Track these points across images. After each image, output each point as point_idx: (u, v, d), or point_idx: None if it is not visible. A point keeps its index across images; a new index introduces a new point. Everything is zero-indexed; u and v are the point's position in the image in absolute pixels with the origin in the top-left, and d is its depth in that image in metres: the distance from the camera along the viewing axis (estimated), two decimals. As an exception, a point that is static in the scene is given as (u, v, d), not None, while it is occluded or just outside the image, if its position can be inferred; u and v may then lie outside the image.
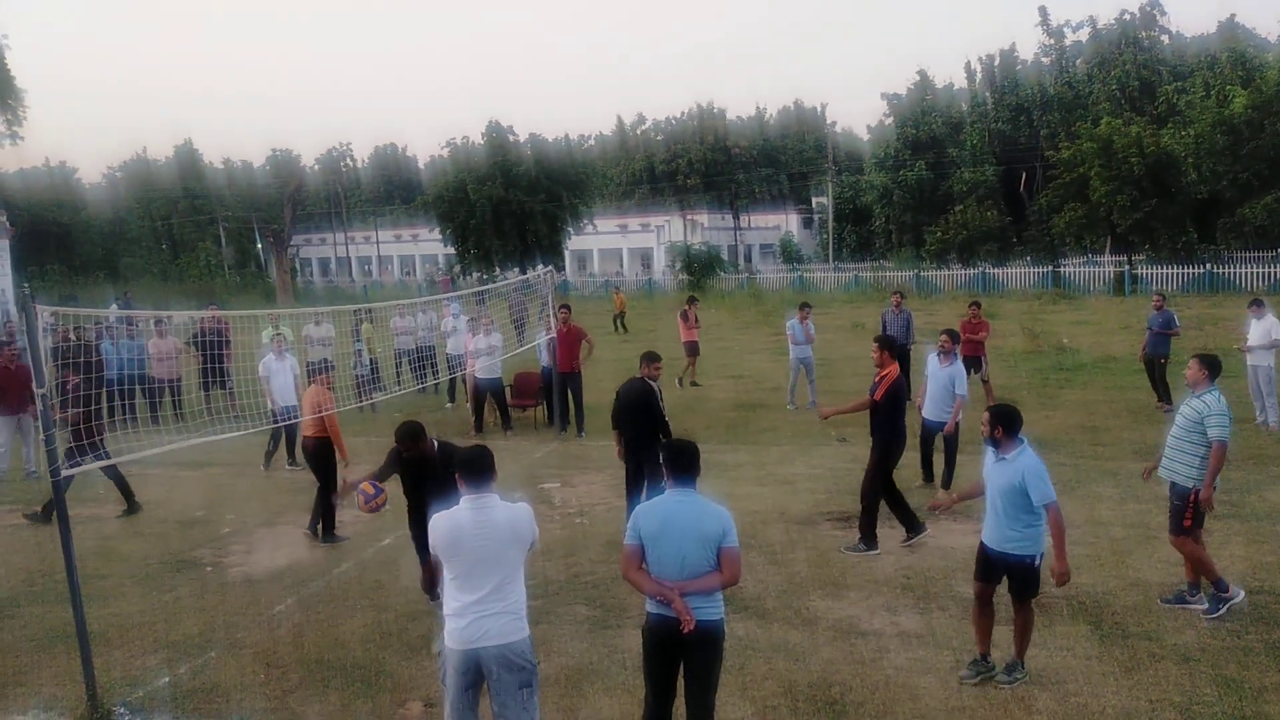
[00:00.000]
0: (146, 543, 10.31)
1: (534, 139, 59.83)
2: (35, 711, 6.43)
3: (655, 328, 33.32)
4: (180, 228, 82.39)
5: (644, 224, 79.41)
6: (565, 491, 11.83)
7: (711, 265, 51.40)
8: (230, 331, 17.11)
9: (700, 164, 77.60)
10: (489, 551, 4.84)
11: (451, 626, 4.88)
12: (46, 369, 6.26)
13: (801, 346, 16.84)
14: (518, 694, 4.83)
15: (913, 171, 57.78)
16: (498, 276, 53.16)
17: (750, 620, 7.33)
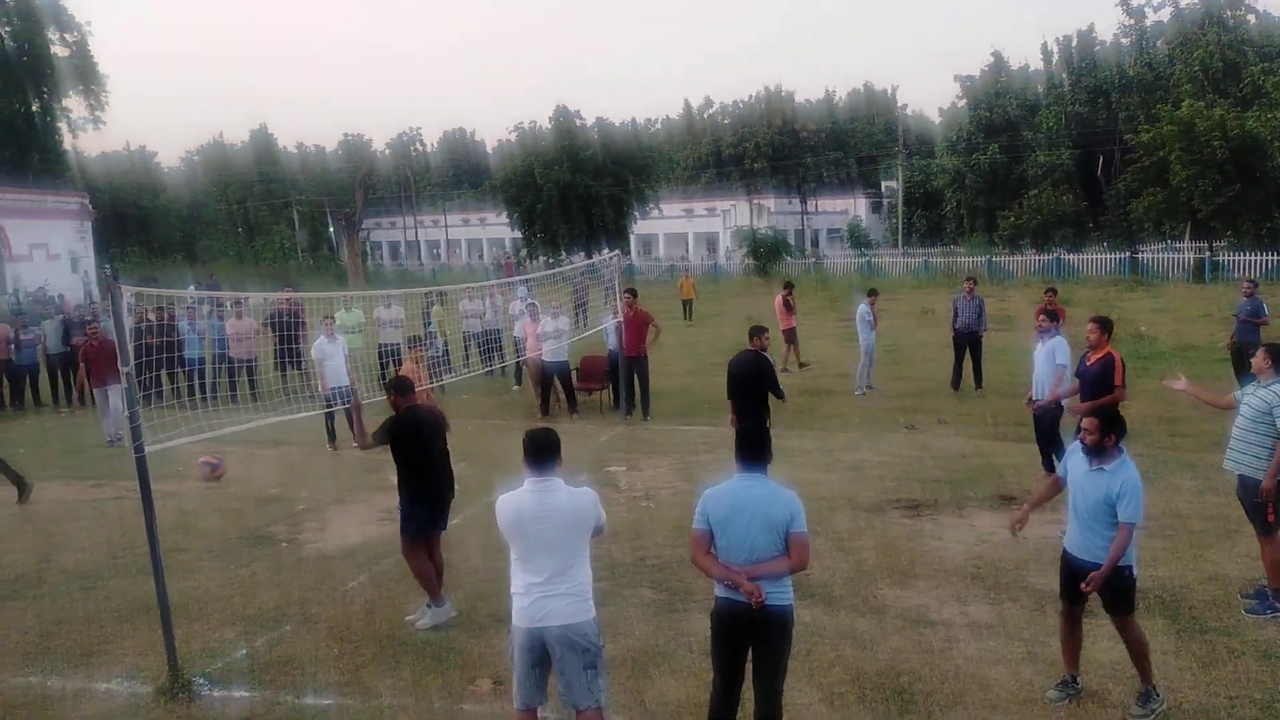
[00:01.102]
0: (224, 518, 10.60)
1: (601, 123, 59.92)
2: (119, 680, 6.65)
3: (720, 312, 33.22)
4: (255, 211, 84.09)
5: (710, 208, 79.13)
6: (631, 475, 11.87)
7: (778, 250, 50.96)
8: (305, 313, 17.44)
9: (767, 148, 76.95)
10: (550, 534, 4.88)
11: (517, 605, 4.96)
12: (130, 348, 6.43)
13: (872, 333, 16.71)
14: (582, 674, 4.89)
15: (986, 155, 56.64)
16: (563, 260, 53.40)
17: (817, 607, 7.30)
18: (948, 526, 9.36)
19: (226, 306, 18.53)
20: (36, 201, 45.05)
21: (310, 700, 6.24)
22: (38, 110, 53.50)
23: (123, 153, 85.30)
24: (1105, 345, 8.97)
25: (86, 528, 10.48)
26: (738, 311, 33.26)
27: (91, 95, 55.81)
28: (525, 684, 5.00)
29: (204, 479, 9.11)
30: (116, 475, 12.53)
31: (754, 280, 46.72)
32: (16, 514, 11.14)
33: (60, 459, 14.09)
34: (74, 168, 58.26)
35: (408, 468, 7.45)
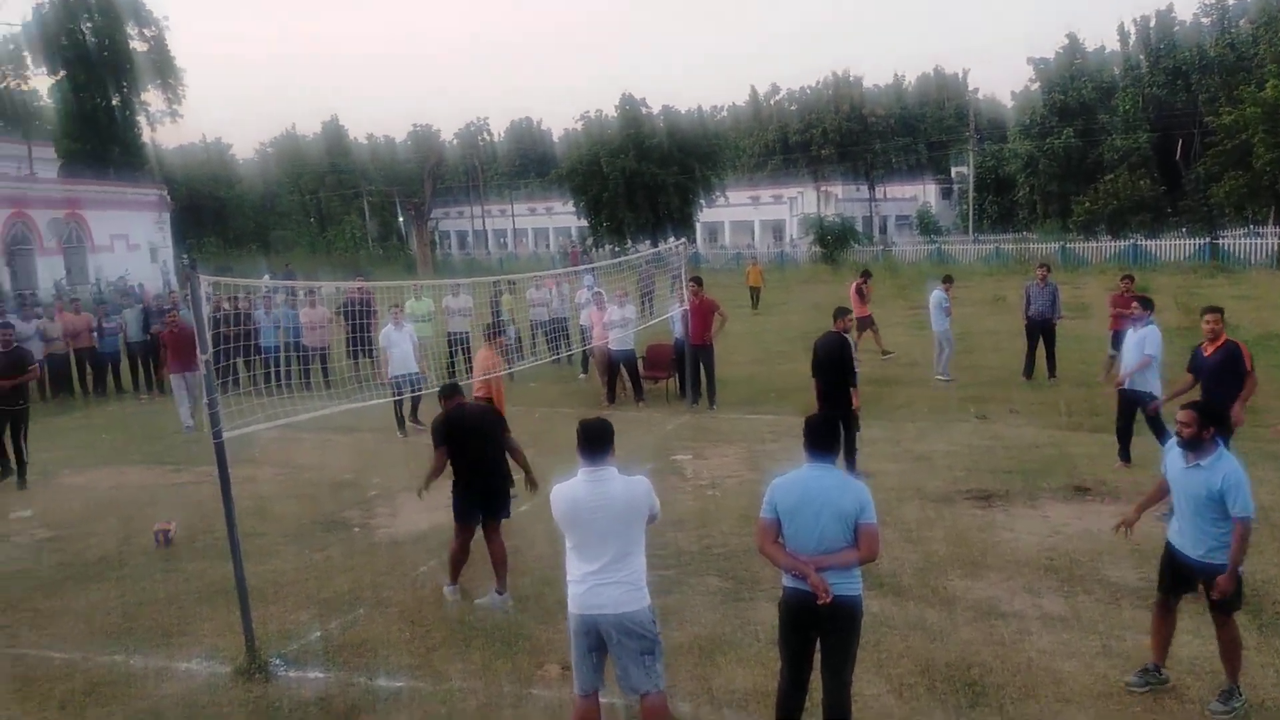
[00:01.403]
0: (299, 503, 10.83)
1: (667, 111, 59.73)
2: (199, 660, 6.84)
3: (787, 300, 33.00)
4: (327, 202, 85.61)
5: (776, 195, 78.56)
6: (697, 463, 11.86)
7: (845, 237, 50.38)
8: (375, 302, 17.70)
9: (835, 134, 76.04)
10: (605, 524, 4.92)
11: (572, 592, 5.02)
12: (208, 336, 6.59)
13: (946, 319, 16.49)
14: (640, 659, 4.93)
15: (1060, 139, 55.42)
16: (629, 249, 53.46)
17: (885, 597, 7.23)
18: (1020, 517, 9.20)
19: (300, 296, 18.89)
20: (117, 193, 46.37)
21: (383, 682, 6.35)
22: (118, 104, 54.99)
23: (199, 145, 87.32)
24: (1223, 334, 8.79)
25: (166, 511, 10.75)
26: (805, 299, 33.02)
27: (169, 89, 57.27)
28: (583, 669, 5.05)
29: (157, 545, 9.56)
30: (194, 461, 12.88)
31: (821, 268, 46.29)
32: (100, 498, 11.49)
33: (140, 444, 14.51)
34: (152, 160, 59.78)
35: (457, 460, 7.66)
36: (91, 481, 12.21)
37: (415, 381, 14.16)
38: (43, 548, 9.62)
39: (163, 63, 56.32)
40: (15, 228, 39.42)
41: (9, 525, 10.41)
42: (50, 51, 53.14)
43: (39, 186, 43.81)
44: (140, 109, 57.05)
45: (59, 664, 6.87)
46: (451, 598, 7.69)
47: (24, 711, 6.15)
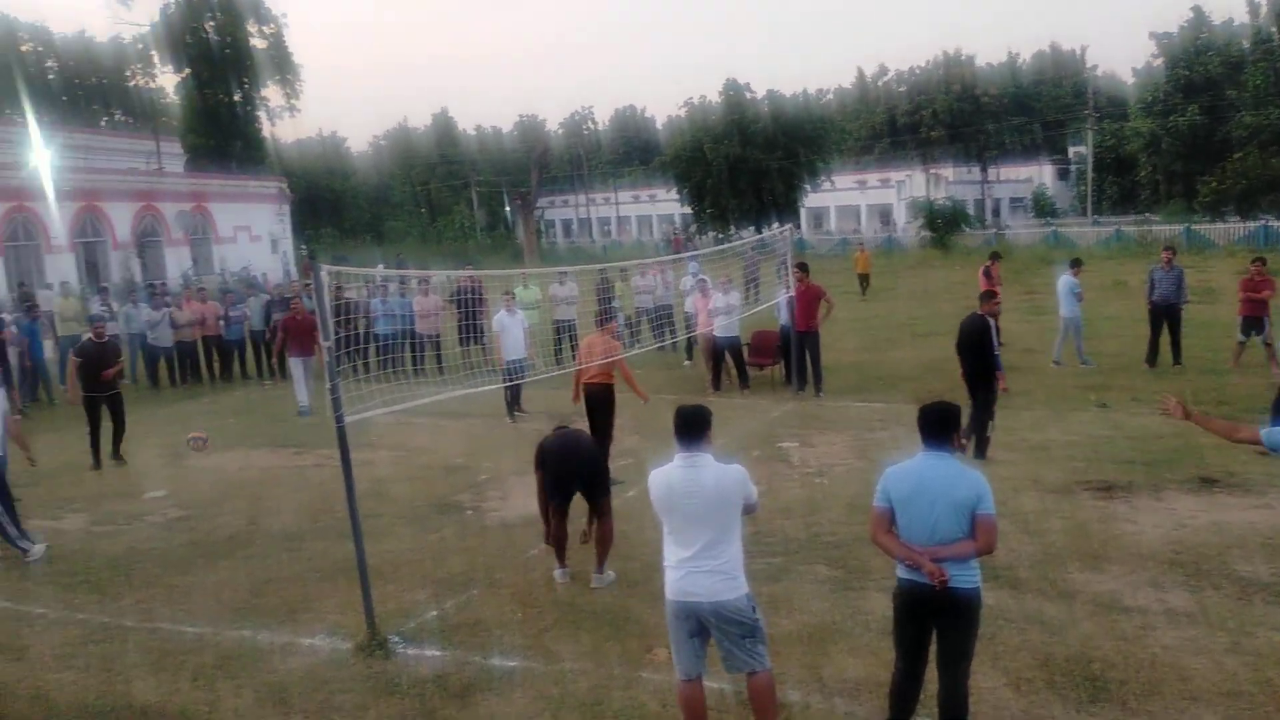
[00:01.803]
0: (414, 486, 11.13)
1: (771, 95, 59.17)
2: (322, 636, 7.09)
3: (895, 286, 32.43)
4: (437, 192, 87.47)
5: (884, 179, 77.23)
6: (804, 451, 11.77)
7: (956, 221, 49.15)
8: (485, 290, 18.02)
9: (945, 114, 74.35)
10: (698, 510, 4.92)
11: (669, 578, 5.05)
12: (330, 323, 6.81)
13: (1076, 306, 16.01)
14: (742, 642, 4.95)
15: (1184, 116, 53.10)
16: (733, 235, 53.22)
17: (1002, 590, 7.07)
18: (1143, 509, 8.89)
19: (413, 284, 19.35)
20: (239, 186, 48.14)
21: (496, 661, 6.49)
22: (239, 100, 57.02)
23: (315, 139, 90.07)
24: None
25: (289, 492, 11.21)
26: (913, 286, 32.45)
27: (287, 85, 59.15)
28: (684, 654, 5.08)
29: (195, 449, 10.85)
30: (316, 444, 13.33)
31: (931, 253, 45.34)
32: (228, 479, 11.99)
33: (264, 428, 15.08)
34: (272, 154, 61.92)
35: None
36: (219, 464, 12.75)
37: (523, 368, 14.43)
38: (175, 527, 10.09)
39: (281, 59, 58.20)
40: (145, 220, 41.27)
41: (144, 505, 10.95)
42: (176, 50, 55.40)
43: (167, 181, 45.78)
44: (260, 104, 59.07)
45: (191, 638, 7.20)
46: (561, 580, 7.81)
47: (159, 683, 6.46)
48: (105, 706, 6.17)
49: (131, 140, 55.29)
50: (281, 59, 58.18)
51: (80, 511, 10.83)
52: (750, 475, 5.17)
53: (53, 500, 11.27)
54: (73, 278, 34.11)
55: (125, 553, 9.21)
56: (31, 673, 6.72)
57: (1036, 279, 28.97)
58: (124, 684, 6.47)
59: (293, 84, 59.17)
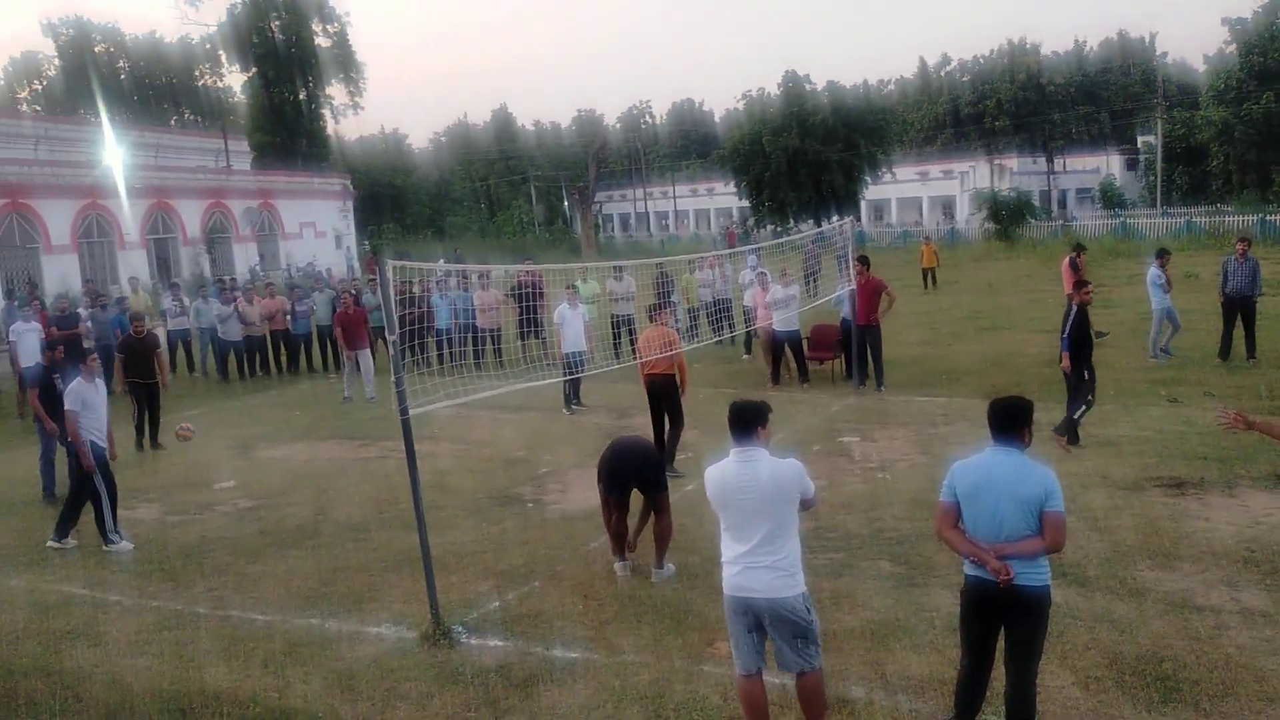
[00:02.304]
0: (475, 479, 11.24)
1: (831, 86, 58.68)
2: (388, 625, 7.21)
3: (958, 279, 31.99)
4: (496, 188, 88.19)
5: (946, 170, 76.10)
6: (865, 446, 11.67)
7: (1021, 212, 48.14)
8: (544, 284, 18.13)
9: (1010, 104, 73.04)
10: (753, 505, 4.89)
11: (726, 573, 5.04)
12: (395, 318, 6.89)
13: (1164, 297, 15.67)
14: (793, 642, 4.92)
15: (1259, 104, 51.44)
16: (791, 228, 52.88)
17: (1070, 587, 6.95)
18: (1216, 507, 8.67)
19: (473, 279, 19.53)
20: (304, 183, 49.02)
21: (558, 652, 6.54)
22: (304, 99, 58.07)
23: (378, 136, 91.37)
24: None
25: (355, 483, 11.39)
26: (977, 278, 31.98)
27: (351, 83, 60.15)
28: (743, 649, 5.05)
29: (181, 438, 11.64)
30: (379, 436, 13.55)
31: (995, 245, 44.59)
32: (295, 470, 12.23)
33: (330, 420, 15.35)
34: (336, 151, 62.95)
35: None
36: (287, 455, 13.00)
37: (582, 361, 14.53)
38: (245, 517, 10.32)
39: (345, 58, 59.16)
40: (214, 217, 42.20)
41: (214, 495, 11.21)
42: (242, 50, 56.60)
43: (235, 178, 46.78)
44: (325, 102, 60.14)
45: (261, 625, 7.36)
46: (622, 573, 7.84)
47: (230, 669, 6.61)
48: (179, 692, 6.32)
49: (200, 139, 56.57)
50: (345, 57, 59.15)
51: (154, 502, 11.12)
52: (809, 470, 5.13)
53: (127, 491, 11.49)
54: (144, 273, 35.03)
55: (197, 542, 9.44)
56: (108, 658, 6.91)
57: (1104, 271, 28.41)
58: (196, 670, 6.63)
59: (356, 82, 60.17)
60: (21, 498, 11.36)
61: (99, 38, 72.68)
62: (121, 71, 73.82)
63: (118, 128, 47.54)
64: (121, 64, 74.33)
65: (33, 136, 43.33)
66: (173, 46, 70.96)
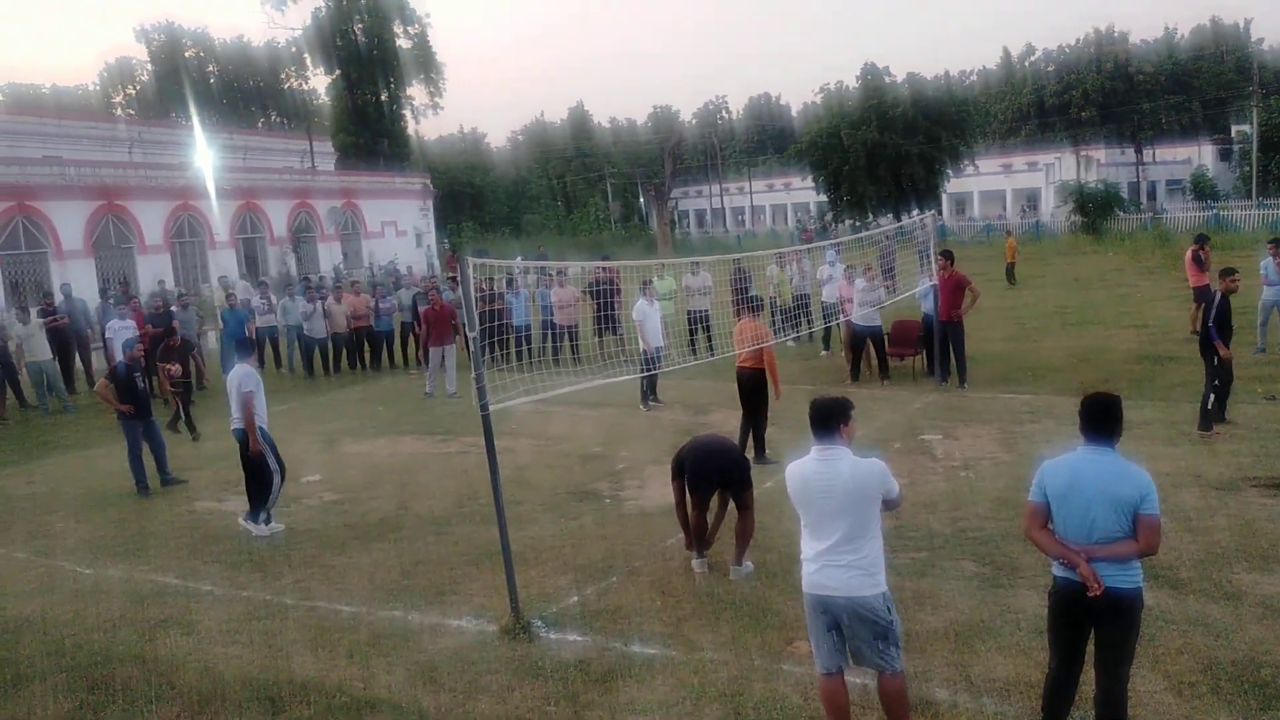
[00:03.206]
0: (553, 474, 11.33)
1: (911, 78, 57.74)
2: (469, 618, 7.29)
3: (1043, 274, 31.26)
4: (572, 185, 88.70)
5: (1030, 162, 74.38)
6: (948, 444, 11.47)
7: (1108, 205, 46.84)
8: (620, 281, 18.19)
9: (1097, 94, 71.08)
10: (834, 504, 4.82)
11: (805, 571, 4.98)
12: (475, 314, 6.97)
13: (1275, 287, 15.14)
14: (873, 644, 4.83)
15: (1363, 89, 49.32)
16: (870, 223, 52.22)
17: (1162, 590, 6.74)
18: (1316, 510, 8.34)
19: (550, 276, 19.67)
20: (386, 183, 49.86)
21: (636, 648, 6.55)
22: (385, 99, 59.13)
23: (457, 135, 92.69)
24: None
25: (436, 478, 11.56)
26: (1063, 273, 31.22)
27: (431, 83, 61.07)
28: (824, 647, 4.99)
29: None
30: (460, 431, 13.74)
31: (1081, 239, 43.49)
32: (378, 465, 12.45)
33: (411, 415, 15.60)
34: (416, 151, 63.94)
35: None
36: (370, 450, 13.25)
37: (660, 357, 14.54)
38: (329, 510, 10.54)
39: (425, 58, 60.08)
40: (300, 217, 43.16)
41: (301, 488, 11.45)
42: (326, 52, 57.84)
43: (319, 179, 47.75)
44: (406, 103, 61.14)
45: (346, 616, 7.51)
46: (699, 569, 7.82)
47: (317, 659, 6.76)
48: (268, 680, 6.48)
49: (286, 140, 57.87)
50: (426, 58, 60.07)
51: (242, 494, 11.36)
52: (890, 468, 5.04)
53: (217, 483, 11.93)
54: (234, 272, 35.98)
55: (285, 533, 9.67)
56: (200, 647, 7.12)
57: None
58: (285, 659, 6.79)
59: (436, 82, 61.06)
60: (116, 491, 11.75)
61: (189, 43, 74.88)
62: (211, 75, 75.94)
63: (207, 130, 48.91)
64: (211, 68, 76.46)
65: (127, 140, 44.75)
66: (260, 50, 72.82)
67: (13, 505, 11.55)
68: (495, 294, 18.09)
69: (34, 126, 40.99)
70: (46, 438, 15.56)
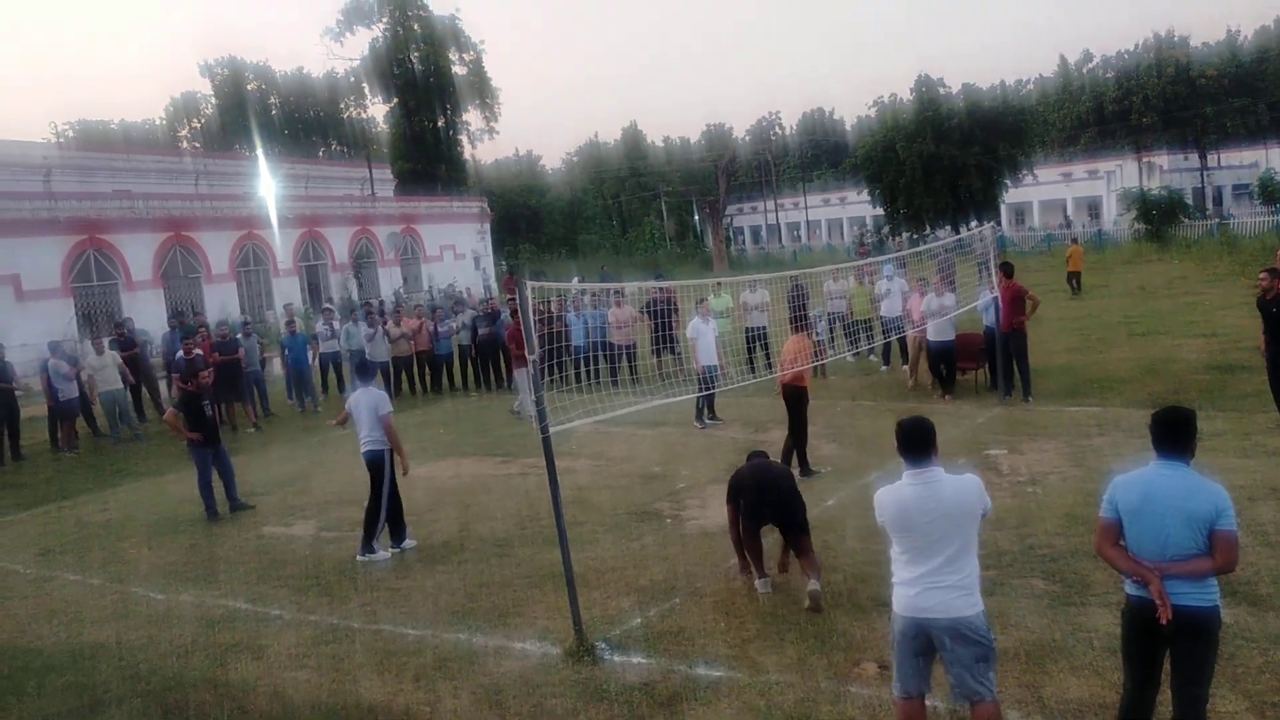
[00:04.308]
0: (613, 494, 11.34)
1: (967, 89, 57.16)
2: (532, 640, 7.31)
3: (1107, 283, 30.68)
4: (627, 204, 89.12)
5: (1091, 170, 73.18)
6: (1013, 459, 11.28)
7: (1173, 211, 45.86)
8: (677, 300, 18.21)
9: (1158, 100, 69.80)
10: (938, 528, 4.70)
11: (901, 594, 4.83)
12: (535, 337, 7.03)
13: None
14: (974, 667, 4.68)
15: None
16: (928, 236, 51.68)
17: (1240, 607, 6.55)
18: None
19: (607, 296, 19.75)
20: (444, 207, 50.59)
21: (701, 670, 6.51)
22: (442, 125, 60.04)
23: (512, 158, 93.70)
24: None
25: (497, 500, 11.64)
26: (1128, 282, 30.62)
27: (486, 108, 61.89)
28: (908, 672, 4.86)
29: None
30: (520, 453, 13.83)
31: (1145, 246, 42.62)
32: (440, 487, 12.57)
33: (472, 437, 15.73)
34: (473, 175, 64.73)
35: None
36: (432, 472, 13.38)
37: (714, 376, 14.52)
38: (394, 532, 10.63)
39: (481, 84, 60.95)
40: (360, 243, 43.93)
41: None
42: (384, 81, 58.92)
43: (379, 205, 48.59)
44: (462, 128, 62.01)
45: (412, 640, 7.57)
46: (763, 590, 7.76)
47: (384, 682, 6.82)
48: (336, 704, 6.56)
49: (346, 168, 58.99)
50: (481, 84, 60.94)
51: (309, 519, 11.60)
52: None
53: (284, 508, 12.13)
54: (297, 299, 36.67)
55: (351, 557, 9.79)
56: (270, 671, 7.23)
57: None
58: (352, 683, 6.86)
59: (491, 107, 61.89)
60: (187, 517, 12.00)
61: (251, 76, 76.65)
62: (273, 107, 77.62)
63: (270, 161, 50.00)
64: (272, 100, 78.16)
65: (193, 172, 45.96)
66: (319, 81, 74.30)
67: (88, 532, 11.85)
68: (555, 315, 18.22)
69: (104, 161, 42.29)
70: (119, 465, 15.95)
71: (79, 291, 31.52)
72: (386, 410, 9.85)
